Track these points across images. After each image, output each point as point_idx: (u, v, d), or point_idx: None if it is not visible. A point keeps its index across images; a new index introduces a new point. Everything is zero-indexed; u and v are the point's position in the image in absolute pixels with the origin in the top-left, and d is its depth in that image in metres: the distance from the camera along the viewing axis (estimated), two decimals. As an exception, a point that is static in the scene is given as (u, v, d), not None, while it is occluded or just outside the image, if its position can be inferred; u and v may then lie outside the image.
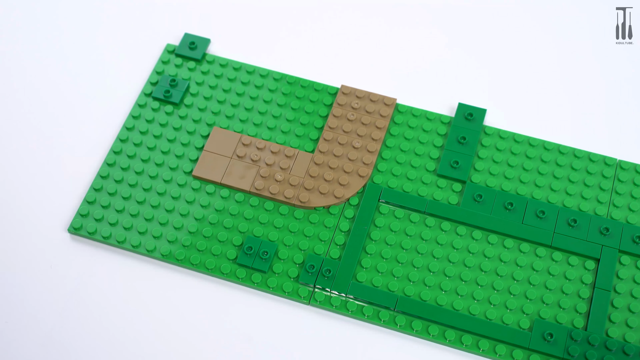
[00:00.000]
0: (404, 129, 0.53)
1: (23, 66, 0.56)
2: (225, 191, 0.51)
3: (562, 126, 0.54)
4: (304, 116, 0.54)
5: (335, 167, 0.51)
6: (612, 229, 0.49)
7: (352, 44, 0.58)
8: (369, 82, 0.56)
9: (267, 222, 0.50)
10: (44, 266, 0.49)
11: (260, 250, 0.48)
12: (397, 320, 0.47)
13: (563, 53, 0.57)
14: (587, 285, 0.48)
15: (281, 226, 0.50)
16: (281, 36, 0.58)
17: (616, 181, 0.51)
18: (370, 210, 0.50)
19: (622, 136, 0.53)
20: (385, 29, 0.58)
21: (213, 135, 0.52)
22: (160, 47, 0.57)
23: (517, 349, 0.46)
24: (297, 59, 0.57)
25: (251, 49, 0.57)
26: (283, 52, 0.57)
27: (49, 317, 0.47)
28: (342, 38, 0.58)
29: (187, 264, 0.49)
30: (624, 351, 0.45)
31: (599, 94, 0.55)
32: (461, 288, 0.48)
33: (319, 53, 0.57)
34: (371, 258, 0.49)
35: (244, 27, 0.58)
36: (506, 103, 0.55)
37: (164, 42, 0.57)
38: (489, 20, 0.59)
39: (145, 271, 0.49)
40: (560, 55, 0.57)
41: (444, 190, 0.51)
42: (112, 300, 0.48)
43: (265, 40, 0.58)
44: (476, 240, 0.49)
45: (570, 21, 0.58)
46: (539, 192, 0.51)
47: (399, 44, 0.58)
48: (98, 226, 0.50)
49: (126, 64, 0.56)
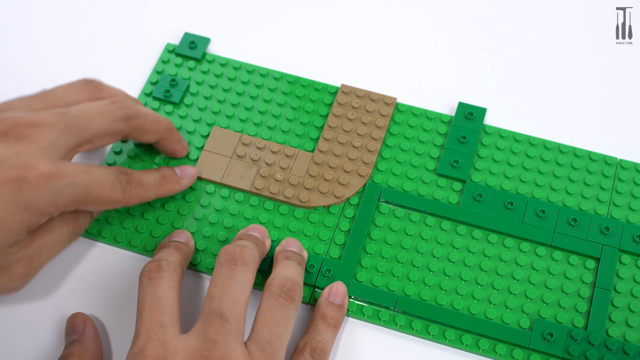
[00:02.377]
0: (404, 128, 0.53)
1: (22, 66, 0.56)
2: (225, 191, 0.51)
3: (563, 125, 0.54)
4: (304, 115, 0.54)
5: (335, 166, 0.51)
6: (612, 228, 0.49)
7: (352, 43, 0.58)
8: (369, 81, 0.56)
9: (267, 221, 0.50)
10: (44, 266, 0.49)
11: (260, 250, 0.48)
12: (397, 320, 0.47)
13: (563, 53, 0.57)
14: (588, 284, 0.48)
15: (281, 226, 0.50)
16: (281, 35, 0.58)
17: (617, 180, 0.51)
18: (370, 210, 0.50)
19: (622, 135, 0.53)
20: (386, 28, 0.58)
21: (213, 134, 0.52)
22: (160, 46, 0.57)
23: (517, 349, 0.46)
24: (297, 58, 0.57)
25: (251, 48, 0.57)
26: (283, 51, 0.57)
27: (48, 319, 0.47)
28: (342, 37, 0.58)
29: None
30: (624, 350, 0.45)
31: (599, 94, 0.55)
32: (461, 287, 0.48)
33: (319, 52, 0.57)
34: (371, 258, 0.49)
35: (244, 26, 0.58)
36: (506, 102, 0.55)
37: (164, 41, 0.57)
38: (490, 20, 0.59)
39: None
40: (560, 55, 0.57)
41: (444, 190, 0.51)
42: (112, 299, 0.48)
43: (265, 39, 0.58)
44: (476, 240, 0.49)
45: (571, 21, 0.58)
46: (539, 191, 0.51)
47: (399, 43, 0.58)
48: (98, 226, 0.50)
49: (126, 63, 0.56)
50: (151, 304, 0.42)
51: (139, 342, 0.40)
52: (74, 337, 0.45)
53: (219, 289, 0.42)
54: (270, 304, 0.42)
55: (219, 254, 0.43)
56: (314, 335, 0.44)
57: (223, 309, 0.41)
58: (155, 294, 0.42)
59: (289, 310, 0.42)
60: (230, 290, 0.41)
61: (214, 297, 0.41)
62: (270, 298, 0.42)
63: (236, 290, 0.42)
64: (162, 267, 0.43)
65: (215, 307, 0.41)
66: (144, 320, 0.41)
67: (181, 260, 0.45)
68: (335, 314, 0.45)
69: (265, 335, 0.41)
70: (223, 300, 0.41)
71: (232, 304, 0.41)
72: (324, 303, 0.46)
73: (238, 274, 0.42)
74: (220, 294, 0.41)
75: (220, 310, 0.41)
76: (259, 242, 0.46)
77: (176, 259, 0.45)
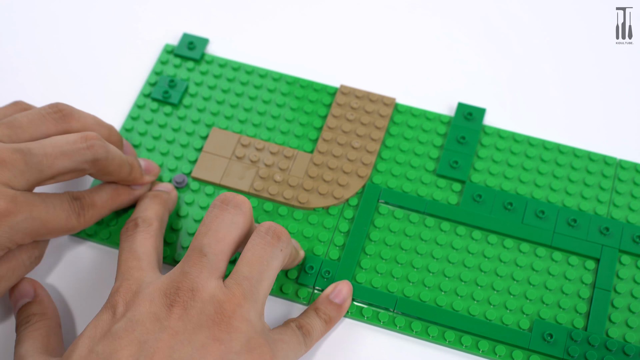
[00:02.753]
0: (404, 128, 0.53)
1: (20, 67, 0.56)
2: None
3: (562, 126, 0.54)
4: (303, 116, 0.53)
5: (334, 167, 0.51)
6: (612, 228, 0.49)
7: (351, 43, 0.58)
8: (368, 81, 0.56)
9: (266, 223, 0.50)
10: (43, 268, 0.49)
11: (260, 251, 0.48)
12: (397, 321, 0.47)
13: (563, 53, 0.57)
14: (587, 285, 0.48)
15: (280, 227, 0.50)
16: (280, 36, 0.58)
17: (616, 180, 0.51)
18: (370, 211, 0.50)
19: (622, 135, 0.53)
20: (384, 28, 0.58)
21: (212, 136, 0.52)
22: (159, 47, 0.57)
23: (516, 350, 0.46)
24: (295, 59, 0.57)
25: (250, 49, 0.57)
26: (282, 52, 0.57)
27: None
28: (341, 37, 0.58)
29: (186, 266, 0.48)
30: (624, 351, 0.45)
31: (599, 94, 0.55)
32: (461, 288, 0.48)
33: (317, 53, 0.57)
34: (370, 259, 0.49)
35: (242, 27, 0.58)
36: (506, 103, 0.55)
37: (162, 42, 0.57)
38: (489, 20, 0.59)
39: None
40: (560, 55, 0.57)
41: (443, 190, 0.51)
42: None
43: (264, 40, 0.58)
44: (476, 241, 0.49)
45: (570, 21, 0.58)
46: (539, 192, 0.51)
47: (398, 43, 0.58)
48: (97, 228, 0.50)
49: (125, 64, 0.56)
50: (127, 254, 0.43)
51: (115, 285, 0.41)
52: (26, 300, 0.45)
53: (205, 227, 0.42)
54: (254, 242, 0.42)
55: (215, 199, 0.43)
56: (302, 318, 0.44)
57: (204, 244, 0.41)
58: (131, 245, 0.43)
59: (274, 249, 0.42)
60: (216, 228, 0.41)
61: (199, 234, 0.41)
62: (256, 236, 0.42)
63: (221, 229, 0.41)
64: (137, 224, 0.44)
65: (197, 244, 0.41)
66: (120, 268, 0.42)
67: (159, 211, 0.46)
68: (330, 311, 0.45)
69: (243, 271, 0.41)
70: (206, 237, 0.41)
71: (215, 242, 0.41)
72: (322, 299, 0.46)
73: (228, 214, 0.42)
74: (205, 231, 0.41)
75: (200, 246, 0.41)
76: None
77: (153, 212, 0.45)
